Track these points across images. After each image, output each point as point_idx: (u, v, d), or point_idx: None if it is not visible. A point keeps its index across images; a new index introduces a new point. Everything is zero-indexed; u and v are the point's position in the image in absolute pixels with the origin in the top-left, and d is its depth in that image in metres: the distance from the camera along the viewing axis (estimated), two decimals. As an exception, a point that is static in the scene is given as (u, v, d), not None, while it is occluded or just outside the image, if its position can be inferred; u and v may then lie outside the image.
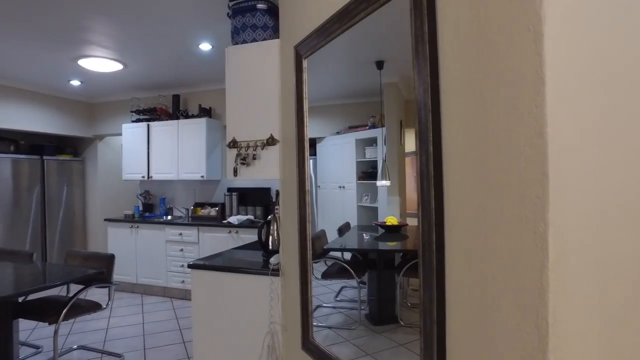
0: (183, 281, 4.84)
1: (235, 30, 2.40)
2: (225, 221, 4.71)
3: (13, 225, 5.45)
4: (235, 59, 2.33)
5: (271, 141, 2.14)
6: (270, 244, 2.48)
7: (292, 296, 2.05)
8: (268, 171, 2.18)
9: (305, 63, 1.85)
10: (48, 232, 5.89)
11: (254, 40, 2.32)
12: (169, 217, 5.41)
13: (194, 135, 5.05)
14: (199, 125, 5.04)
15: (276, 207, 2.32)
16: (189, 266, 2.47)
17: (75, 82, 5.17)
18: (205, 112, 5.18)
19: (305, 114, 1.84)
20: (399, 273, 2.30)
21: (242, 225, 4.53)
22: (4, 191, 5.36)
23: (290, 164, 2.03)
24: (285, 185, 2.13)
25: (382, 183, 2.42)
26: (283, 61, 2.14)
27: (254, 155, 2.20)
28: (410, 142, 2.38)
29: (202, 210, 5.19)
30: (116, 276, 5.19)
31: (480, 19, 0.92)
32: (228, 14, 2.50)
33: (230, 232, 4.56)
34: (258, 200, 5.08)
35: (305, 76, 1.84)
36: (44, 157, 5.85)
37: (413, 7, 1.12)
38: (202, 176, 5.00)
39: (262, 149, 2.18)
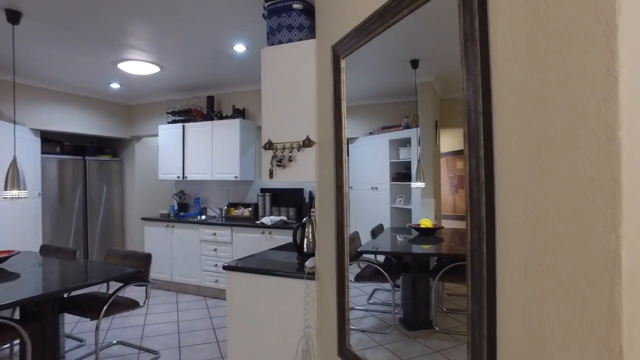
0: (216, 280, 4.90)
1: (270, 31, 2.39)
2: (259, 222, 4.73)
3: (58, 222, 5.69)
4: (270, 60, 2.32)
5: (307, 143, 2.11)
6: (305, 246, 2.46)
7: (328, 301, 2.01)
8: (304, 173, 2.16)
9: (343, 63, 1.81)
10: (89, 229, 6.11)
11: (290, 40, 2.30)
12: (203, 217, 5.49)
13: (227, 136, 5.11)
14: (232, 126, 5.09)
15: (312, 209, 2.29)
16: (224, 268, 2.47)
17: (115, 85, 5.34)
18: (239, 113, 5.23)
19: (343, 115, 1.80)
20: (434, 277, 2.22)
21: (275, 226, 4.54)
22: (51, 190, 5.60)
23: (326, 167, 1.99)
24: (321, 188, 2.09)
25: (416, 185, 2.35)
26: (320, 61, 2.10)
27: (290, 157, 2.18)
28: (445, 143, 2.30)
29: (236, 211, 5.24)
30: (152, 274, 5.31)
31: (539, 12, 0.85)
32: (263, 14, 2.49)
33: (263, 232, 4.58)
34: (291, 201, 5.08)
35: (343, 76, 1.80)
36: (86, 158, 6.07)
37: (462, 3, 1.06)
38: (236, 177, 5.04)
39: (298, 150, 2.15)
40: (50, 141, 5.72)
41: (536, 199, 0.87)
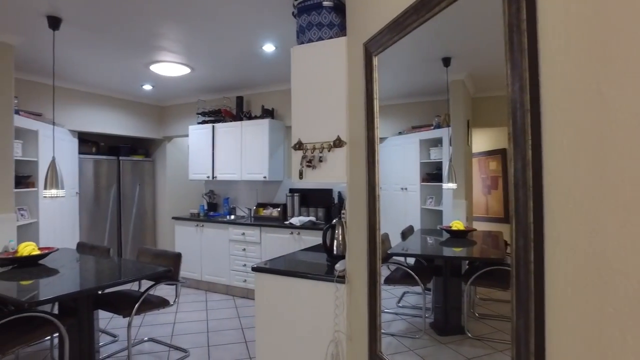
0: (245, 280, 4.92)
1: (300, 30, 2.35)
2: (287, 222, 4.72)
3: (94, 220, 5.87)
4: (300, 59, 2.28)
5: (338, 143, 2.06)
6: (334, 248, 2.41)
7: (359, 305, 1.96)
8: (334, 174, 2.11)
9: (375, 61, 1.75)
10: (123, 227, 6.27)
11: (320, 38, 2.26)
12: (232, 217, 5.54)
13: (256, 136, 5.12)
14: (261, 126, 5.10)
15: (342, 210, 2.24)
16: (253, 269, 2.46)
17: (147, 87, 5.45)
18: (267, 113, 5.24)
19: (376, 114, 1.74)
20: (466, 281, 2.13)
21: (304, 226, 4.52)
22: (87, 189, 5.78)
23: (358, 167, 1.94)
24: (352, 189, 2.04)
25: (448, 186, 2.26)
26: (351, 59, 2.05)
27: (320, 157, 2.14)
28: (477, 143, 2.20)
29: (264, 211, 5.25)
30: (182, 273, 5.39)
31: (597, -1, 0.77)
32: (293, 13, 2.45)
33: (292, 233, 4.56)
34: (320, 201, 5.04)
35: (375, 75, 1.74)
36: (120, 158, 6.23)
37: (508, -8, 0.99)
38: (265, 177, 5.05)
39: (329, 151, 2.11)
40: (87, 142, 5.90)
41: (593, 206, 0.79)
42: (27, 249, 3.16)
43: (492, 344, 1.96)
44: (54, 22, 3.26)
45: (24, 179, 4.37)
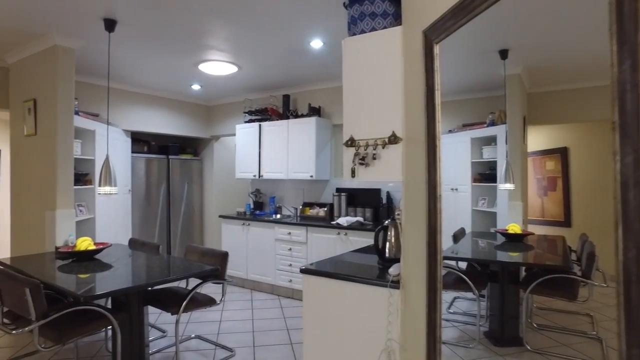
0: (290, 280, 4.88)
1: (352, 21, 2.24)
2: (334, 222, 4.63)
3: (145, 217, 6.05)
4: (352, 51, 2.17)
5: (393, 139, 1.93)
6: (387, 251, 2.28)
7: (415, 313, 1.82)
8: (389, 172, 1.98)
9: (436, 49, 1.61)
10: (172, 224, 6.43)
11: (373, 29, 2.13)
12: (278, 216, 5.52)
13: (303, 135, 5.07)
14: (308, 125, 5.04)
15: (397, 212, 2.11)
16: (302, 271, 2.38)
17: (196, 86, 5.54)
18: (314, 112, 5.17)
19: (437, 107, 1.60)
20: (525, 289, 1.94)
21: (351, 227, 4.40)
22: (139, 187, 5.97)
23: (415, 165, 1.80)
24: (409, 189, 1.90)
25: (505, 186, 2.08)
26: (407, 50, 1.91)
27: (374, 154, 2.01)
28: (532, 141, 2.00)
29: (311, 210, 5.18)
30: (228, 271, 5.43)
31: None
32: (344, 3, 2.35)
33: (339, 233, 4.46)
34: (368, 201, 4.91)
35: (437, 64, 1.60)
36: (170, 157, 6.39)
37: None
38: (311, 176, 4.98)
39: (383, 147, 1.98)
40: (139, 141, 6.10)
41: None
42: (84, 243, 3.26)
43: (554, 359, 1.77)
44: (110, 25, 3.35)
45: (82, 177, 4.55)
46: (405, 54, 1.94)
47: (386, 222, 2.36)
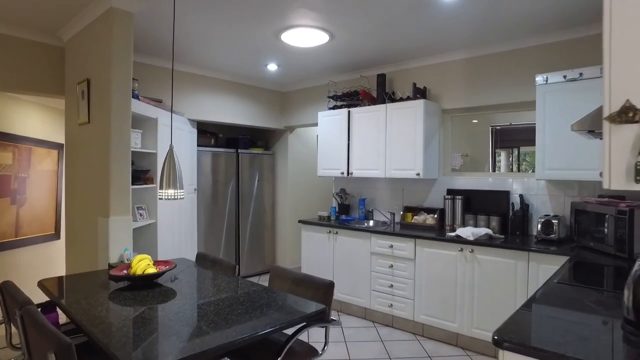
0: (391, 305, 3.85)
1: None
2: (453, 234, 3.53)
3: (212, 220, 5.29)
4: None
5: None
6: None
7: None
8: None
9: None
10: (241, 227, 5.64)
11: None
12: (371, 223, 4.51)
13: (407, 123, 4.00)
14: (413, 110, 3.97)
15: None
16: (496, 343, 1.33)
17: (272, 66, 4.64)
18: (420, 93, 4.09)
19: None
20: None
21: (478, 242, 3.28)
22: (206, 185, 5.22)
23: None
24: None
25: None
26: None
27: None
28: None
29: (416, 217, 4.11)
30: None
31: None
32: None
33: (461, 250, 3.36)
34: (492, 207, 3.77)
35: None
36: (239, 151, 5.59)
37: None
38: (418, 174, 3.91)
39: None
40: (205, 132, 5.34)
41: None
42: (142, 264, 2.44)
43: None
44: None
45: (142, 174, 3.80)
46: None
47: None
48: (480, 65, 3.88)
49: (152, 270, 2.44)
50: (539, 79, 3.20)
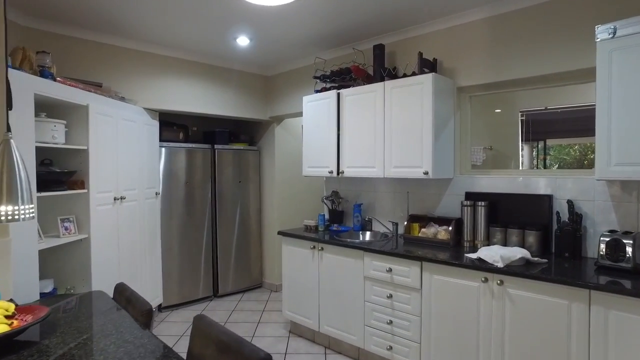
0: (390, 347, 2.90)
1: None
2: (474, 256, 2.55)
3: (184, 227, 4.42)
4: None
5: None
6: None
7: None
8: None
9: None
10: (219, 236, 4.76)
11: None
12: (367, 235, 3.56)
13: (410, 105, 3.04)
14: (419, 88, 2.99)
15: None
16: None
17: (243, 40, 3.72)
18: (427, 66, 3.11)
19: None
20: None
21: (511, 270, 2.30)
22: (175, 187, 4.34)
23: None
24: None
25: None
26: None
27: None
28: None
29: (424, 230, 3.14)
30: (293, 315, 3.60)
31: None
32: None
33: (485, 280, 2.39)
34: (527, 217, 2.76)
35: None
36: (215, 147, 4.71)
37: None
38: (426, 172, 2.94)
39: None
40: (172, 125, 4.48)
41: None
42: (-11, 319, 1.58)
43: None
44: None
45: (65, 177, 2.95)
46: None
47: None
48: (508, 25, 2.88)
49: (5, 328, 1.57)
50: (601, 31, 2.19)
